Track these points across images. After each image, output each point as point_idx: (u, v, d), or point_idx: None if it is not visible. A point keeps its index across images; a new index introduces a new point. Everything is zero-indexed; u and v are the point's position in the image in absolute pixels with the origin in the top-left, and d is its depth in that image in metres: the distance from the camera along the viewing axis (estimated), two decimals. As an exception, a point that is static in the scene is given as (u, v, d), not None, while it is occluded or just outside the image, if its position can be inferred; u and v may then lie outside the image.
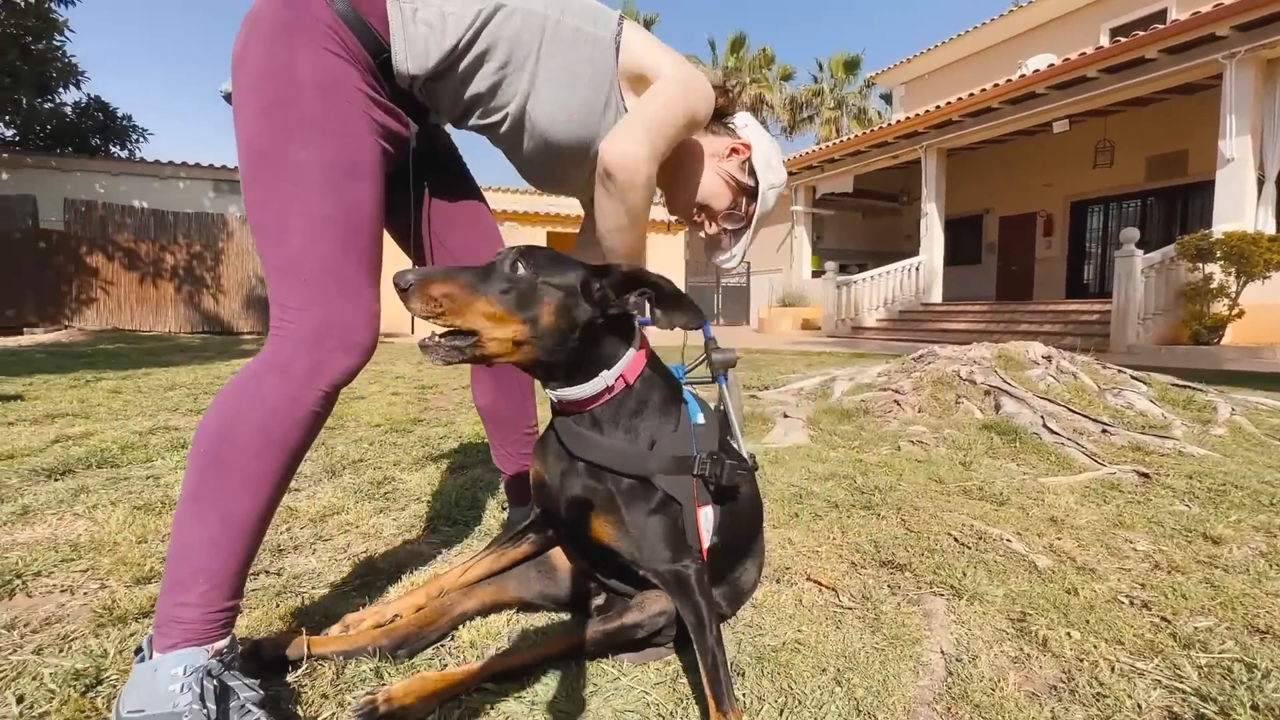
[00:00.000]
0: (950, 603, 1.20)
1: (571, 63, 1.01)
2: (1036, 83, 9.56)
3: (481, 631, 1.08)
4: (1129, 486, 1.88)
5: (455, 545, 1.51)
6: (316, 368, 0.86)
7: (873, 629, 1.11)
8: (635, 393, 0.97)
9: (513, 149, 1.10)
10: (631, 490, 0.94)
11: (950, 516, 1.65)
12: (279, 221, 0.87)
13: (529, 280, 0.87)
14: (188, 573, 0.81)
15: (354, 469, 2.19)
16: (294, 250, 0.86)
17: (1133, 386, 3.07)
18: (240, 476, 0.83)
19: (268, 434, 0.84)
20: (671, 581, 0.91)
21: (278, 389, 0.85)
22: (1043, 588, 1.27)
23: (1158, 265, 7.80)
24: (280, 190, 0.87)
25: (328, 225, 0.87)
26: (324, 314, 0.87)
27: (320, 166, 0.87)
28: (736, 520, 1.07)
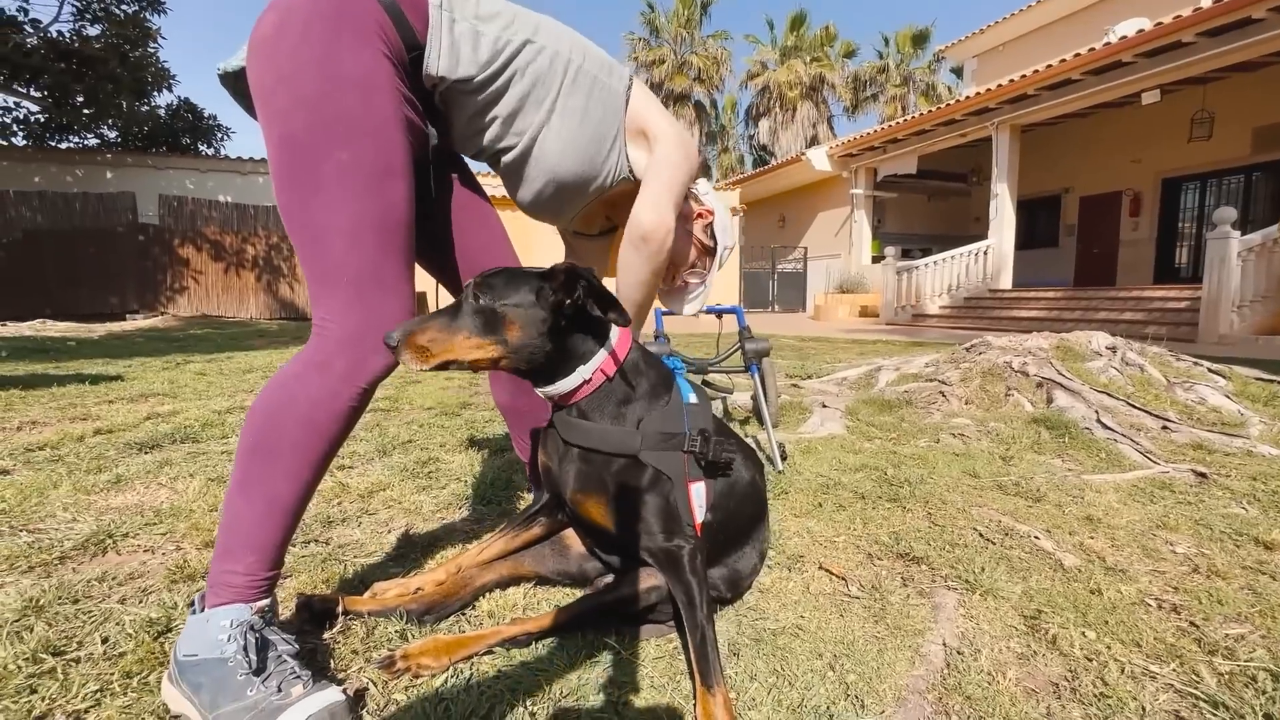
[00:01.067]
0: (962, 597, 1.20)
1: (587, 105, 1.11)
2: (1123, 50, 8.84)
3: (500, 602, 1.16)
4: (1181, 487, 1.78)
5: (485, 522, 1.60)
6: (356, 366, 0.93)
7: (876, 618, 1.12)
8: (618, 383, 1.03)
9: (515, 177, 1.18)
10: (622, 471, 1.00)
11: (979, 512, 1.62)
12: (321, 225, 0.90)
13: (490, 307, 0.94)
14: (237, 544, 0.91)
15: (403, 449, 2.34)
16: (336, 255, 0.90)
17: (1208, 380, 2.87)
18: (283, 465, 0.92)
19: (309, 427, 0.92)
20: (663, 559, 0.96)
21: (320, 386, 0.91)
22: (1064, 587, 1.24)
23: (1258, 248, 7.14)
24: (321, 193, 0.89)
25: (368, 228, 0.91)
26: (364, 316, 0.92)
27: (361, 168, 0.89)
28: (735, 502, 1.11)
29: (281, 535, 0.94)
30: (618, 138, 1.17)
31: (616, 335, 1.04)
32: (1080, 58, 9.31)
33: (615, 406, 1.02)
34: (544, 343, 0.97)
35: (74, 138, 13.09)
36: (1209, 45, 8.30)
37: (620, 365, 1.03)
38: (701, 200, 1.37)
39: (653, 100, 1.22)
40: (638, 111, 1.18)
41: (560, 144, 1.12)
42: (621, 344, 1.04)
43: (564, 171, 1.15)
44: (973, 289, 11.50)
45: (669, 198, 1.15)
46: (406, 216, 0.97)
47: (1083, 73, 9.48)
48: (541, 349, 0.97)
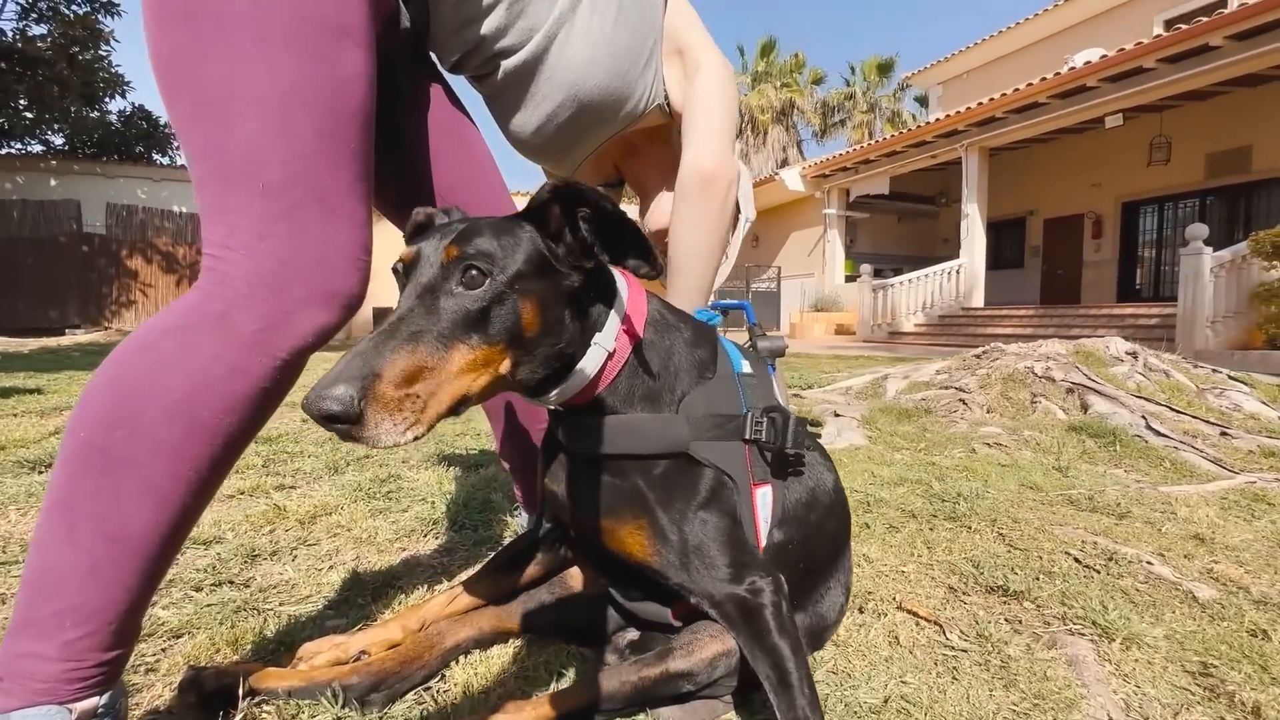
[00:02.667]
0: (1099, 646, 0.91)
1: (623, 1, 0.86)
2: (1088, 75, 9.06)
3: (480, 669, 0.83)
4: (1278, 498, 1.54)
5: (459, 554, 1.26)
6: (274, 324, 0.59)
7: (1004, 683, 0.82)
8: (649, 345, 0.71)
9: (517, 95, 0.88)
10: (666, 479, 0.68)
11: (1062, 531, 1.35)
12: (222, 89, 0.57)
13: (496, 289, 0.58)
14: (48, 612, 0.56)
15: (358, 465, 1.97)
16: (245, 140, 0.57)
17: (1235, 387, 2.69)
18: (142, 478, 0.57)
19: (190, 417, 0.57)
20: (735, 614, 0.64)
21: (211, 352, 0.58)
22: (1215, 628, 0.96)
23: (1228, 264, 7.24)
24: (226, 38, 0.56)
25: (303, 105, 0.58)
26: (292, 244, 0.59)
27: (290, 14, 0.58)
28: (818, 516, 0.80)
29: (130, 599, 0.58)
30: (655, 51, 0.92)
31: (624, 285, 0.72)
32: (1047, 81, 9.52)
33: (647, 386, 0.70)
34: (567, 324, 0.64)
35: (15, 143, 12.31)
36: (1168, 71, 8.55)
37: (644, 314, 0.71)
38: None
39: (693, 14, 0.98)
40: (677, 24, 0.94)
41: (589, 48, 0.83)
42: (634, 297, 0.72)
43: (590, 87, 0.86)
44: (947, 307, 11.56)
45: (727, 137, 0.93)
46: (364, 105, 0.64)
47: (1049, 96, 9.70)
48: (564, 335, 0.64)
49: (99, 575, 0.57)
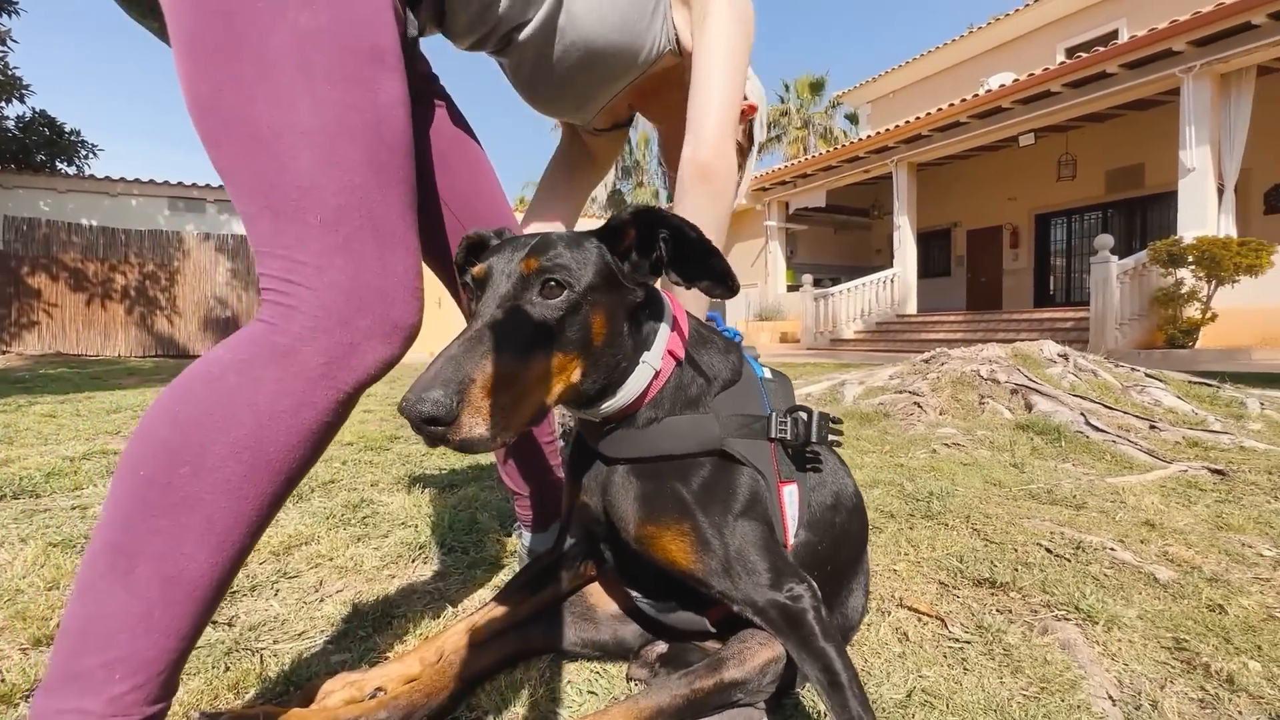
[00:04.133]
0: (1085, 629, 0.97)
1: None
2: (1003, 97, 9.75)
3: (507, 694, 0.81)
4: (1208, 484, 1.70)
5: (453, 578, 1.23)
6: (340, 357, 0.58)
7: (1011, 670, 0.87)
8: (689, 361, 0.74)
9: (534, 60, 0.89)
10: (705, 485, 0.69)
11: (1030, 524, 1.44)
12: (271, 124, 0.56)
13: (573, 300, 0.61)
14: (96, 664, 0.52)
15: (324, 491, 1.89)
16: (302, 172, 0.56)
17: (1153, 384, 2.95)
18: (204, 517, 0.54)
19: (256, 453, 0.55)
20: (779, 620, 0.65)
21: (277, 386, 0.56)
22: (1179, 606, 1.05)
23: (1131, 271, 7.91)
24: (271, 77, 0.56)
25: (350, 136, 0.58)
26: (355, 274, 0.58)
27: (335, 40, 0.57)
28: (843, 518, 0.83)
29: (181, 644, 0.55)
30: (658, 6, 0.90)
31: (669, 307, 0.75)
32: (966, 102, 10.19)
33: (686, 397, 0.72)
34: (626, 337, 0.67)
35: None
36: (1071, 95, 9.31)
37: (686, 336, 0.74)
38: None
39: None
40: None
41: (595, 6, 0.84)
42: (679, 318, 0.75)
43: (601, 41, 0.86)
44: (883, 314, 12.11)
45: (729, 115, 0.90)
46: (406, 130, 0.63)
47: (969, 116, 10.37)
48: (623, 348, 0.67)
49: (152, 621, 0.53)
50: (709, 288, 0.65)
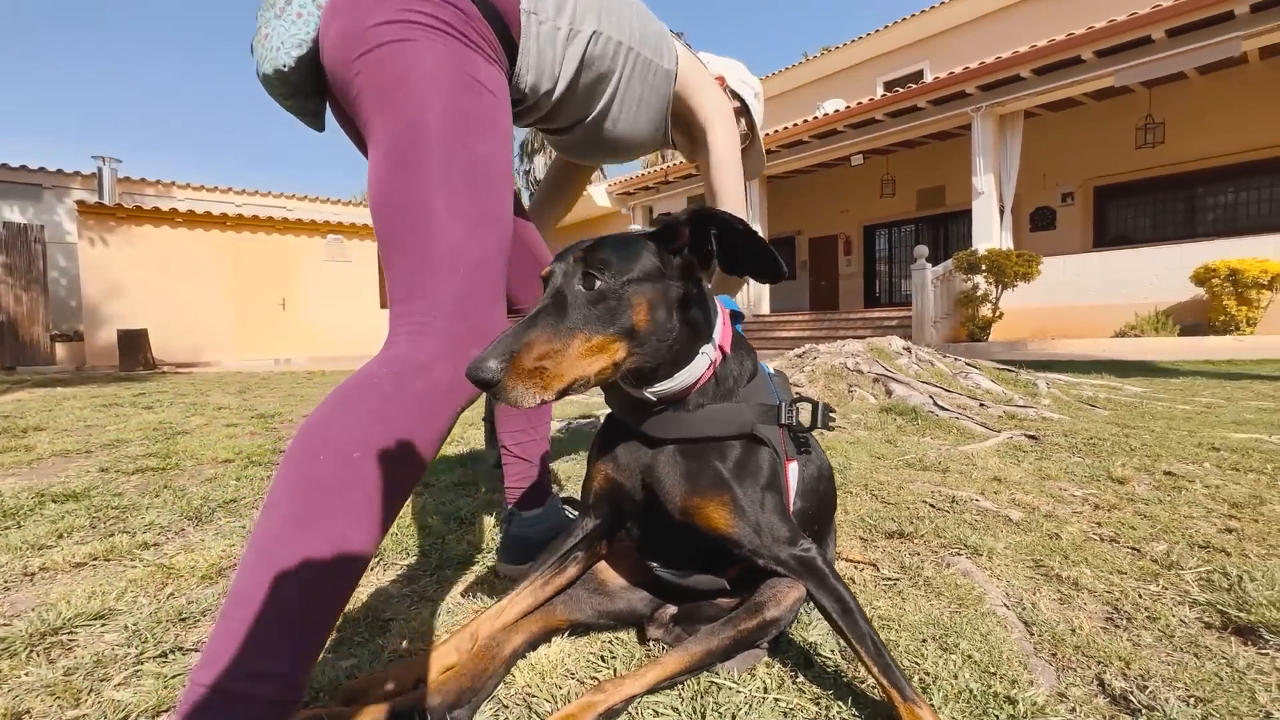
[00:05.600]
0: (975, 560, 1.24)
1: (643, 93, 1.10)
2: (837, 121, 11.01)
3: (538, 668, 0.87)
4: (1027, 447, 2.15)
5: (425, 579, 1.23)
6: (460, 378, 0.73)
7: (935, 594, 1.10)
8: (729, 359, 0.86)
9: (580, 143, 1.15)
10: (740, 465, 0.82)
11: (913, 487, 1.74)
12: (439, 207, 0.75)
13: (613, 289, 0.72)
14: (272, 630, 0.59)
15: (229, 510, 1.73)
16: (455, 239, 0.75)
17: (972, 371, 3.58)
18: (367, 495, 0.66)
19: (407, 443, 0.69)
20: (799, 568, 0.80)
21: (421, 391, 0.70)
22: (1029, 537, 1.37)
23: (941, 277, 9.34)
24: (448, 181, 0.77)
25: (492, 224, 0.80)
26: (476, 319, 0.76)
27: (494, 166, 0.81)
28: (824, 486, 1.00)
29: (334, 620, 0.65)
30: (665, 118, 1.17)
31: (718, 311, 0.87)
32: (808, 123, 11.35)
33: (724, 388, 0.85)
34: (675, 326, 0.77)
35: None
36: (891, 123, 10.76)
37: (731, 334, 0.86)
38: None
39: (697, 69, 1.19)
40: (685, 92, 1.17)
41: (616, 130, 1.11)
42: (725, 320, 0.87)
43: (617, 148, 1.17)
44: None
45: (736, 201, 1.21)
46: (511, 236, 0.86)
47: (810, 136, 11.56)
48: (672, 334, 0.77)
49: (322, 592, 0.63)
50: (757, 274, 0.77)
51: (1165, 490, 1.66)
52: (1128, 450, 2.09)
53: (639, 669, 0.78)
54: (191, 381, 7.04)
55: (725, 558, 0.88)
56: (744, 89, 1.38)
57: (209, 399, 4.89)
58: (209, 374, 8.67)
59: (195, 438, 2.97)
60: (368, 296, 13.60)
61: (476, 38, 0.82)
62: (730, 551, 0.83)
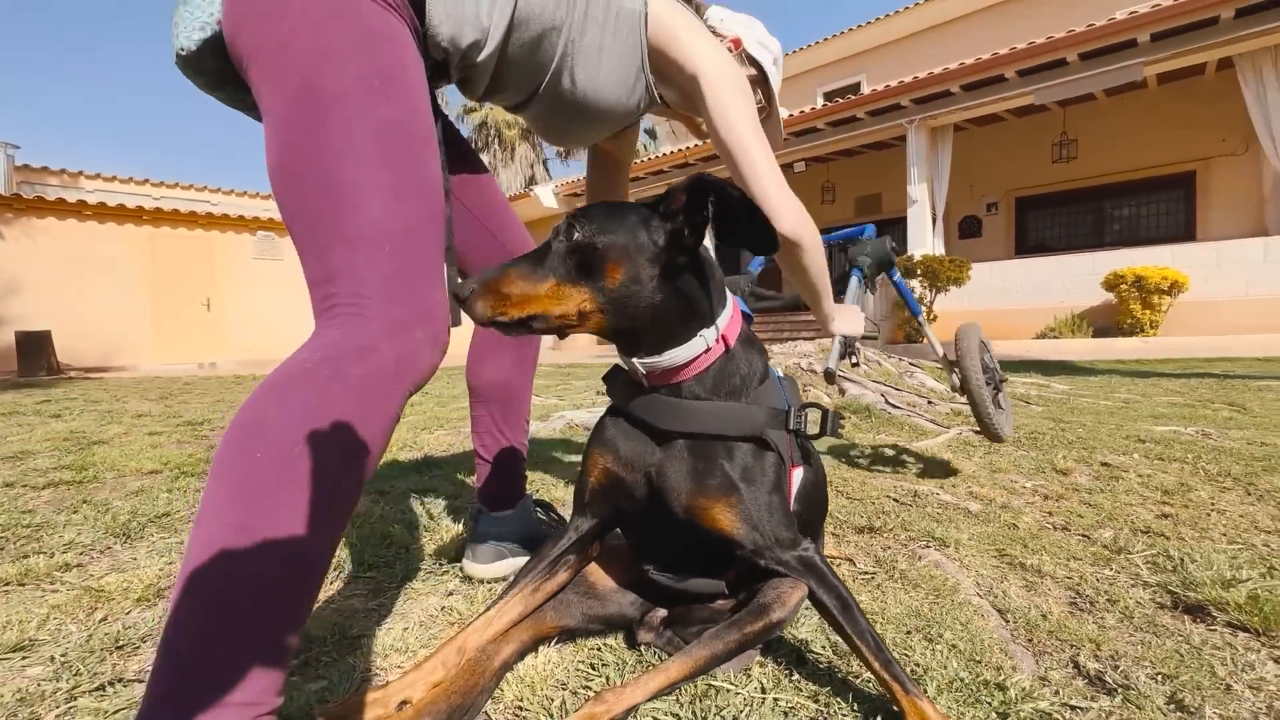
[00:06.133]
0: (944, 552, 1.28)
1: (602, 39, 0.94)
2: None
3: (528, 680, 0.83)
4: (976, 441, 2.25)
5: (390, 592, 1.16)
6: (407, 358, 0.69)
7: (911, 586, 1.12)
8: (737, 355, 0.85)
9: (545, 116, 1.05)
10: (748, 468, 0.81)
11: (875, 482, 1.79)
12: (352, 180, 0.69)
13: (586, 242, 0.76)
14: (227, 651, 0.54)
15: (161, 525, 1.59)
16: (374, 214, 0.69)
17: (916, 370, 3.73)
18: (321, 492, 0.60)
19: (353, 433, 0.63)
20: (801, 569, 0.79)
21: (366, 378, 0.65)
22: (990, 527, 1.43)
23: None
24: (353, 149, 0.70)
25: (413, 193, 0.73)
26: (412, 295, 0.71)
27: (403, 128, 0.74)
28: (820, 492, 1.00)
29: (297, 628, 0.59)
30: (643, 64, 0.99)
31: (730, 305, 0.86)
32: (754, 130, 11.60)
33: (731, 384, 0.83)
34: (653, 292, 0.76)
35: None
36: (832, 132, 11.14)
37: (739, 332, 0.85)
38: (720, 31, 1.19)
39: (676, 11, 1.00)
40: (663, 37, 0.98)
41: (579, 91, 0.97)
42: (735, 315, 0.86)
43: (587, 113, 1.01)
44: (689, 317, 13.22)
45: (779, 177, 1.02)
46: (442, 194, 0.80)
47: (756, 142, 11.82)
48: (649, 300, 0.76)
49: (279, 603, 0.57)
50: (752, 245, 0.76)
51: (1104, 480, 1.77)
52: (1066, 443, 2.22)
53: (641, 676, 0.75)
54: (104, 387, 6.48)
55: (724, 559, 0.87)
56: (762, 53, 1.22)
57: (126, 406, 4.51)
58: (123, 379, 8.02)
59: (115, 448, 2.73)
60: (302, 297, 12.90)
61: None
62: (731, 553, 0.81)
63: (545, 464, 2.20)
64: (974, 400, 1.61)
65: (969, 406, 1.64)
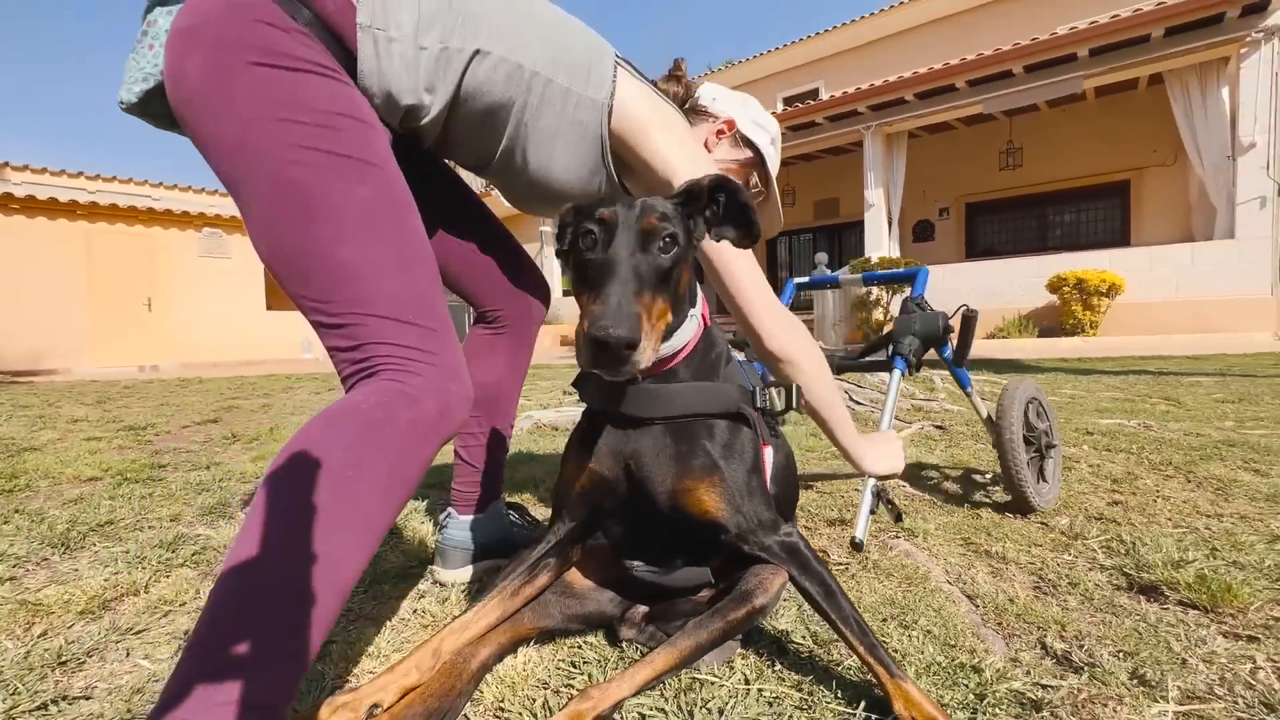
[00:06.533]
0: (913, 542, 1.31)
1: (558, 125, 0.90)
2: (743, 132, 11.47)
3: (508, 681, 0.81)
4: (938, 436, 2.32)
5: (358, 595, 1.12)
6: (445, 410, 0.73)
7: (885, 575, 1.14)
8: (710, 331, 0.87)
9: (504, 184, 1.03)
10: (728, 446, 0.82)
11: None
12: (359, 261, 0.72)
13: (679, 255, 0.74)
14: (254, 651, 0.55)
15: (103, 534, 1.50)
16: (390, 290, 0.73)
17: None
18: (363, 514, 0.64)
19: (396, 468, 0.68)
20: (783, 554, 0.80)
21: (413, 424, 0.70)
22: (955, 516, 1.47)
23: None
24: (348, 233, 0.72)
25: (415, 262, 0.76)
26: (446, 355, 0.75)
27: (385, 202, 0.76)
28: (792, 474, 1.01)
29: (316, 647, 0.60)
30: (605, 156, 0.94)
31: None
32: (716, 133, 11.73)
33: (708, 363, 0.85)
34: (690, 284, 0.80)
35: None
36: (792, 136, 11.34)
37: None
38: (713, 111, 1.14)
39: (651, 106, 0.94)
40: (630, 132, 0.92)
41: (530, 171, 0.94)
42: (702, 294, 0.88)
43: (541, 191, 0.98)
44: (653, 318, 13.27)
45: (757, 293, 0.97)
46: (431, 252, 0.81)
47: (717, 145, 11.95)
48: (688, 294, 0.80)
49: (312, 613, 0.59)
50: (737, 238, 0.80)
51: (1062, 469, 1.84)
52: (1020, 437, 2.30)
53: (626, 670, 0.74)
54: (34, 391, 6.09)
55: (708, 548, 0.87)
56: (758, 134, 1.15)
57: (60, 411, 4.25)
58: (56, 383, 7.54)
59: (49, 454, 2.57)
60: (251, 296, 12.43)
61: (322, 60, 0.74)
62: (715, 539, 0.81)
63: (513, 465, 2.17)
64: (1004, 465, 1.40)
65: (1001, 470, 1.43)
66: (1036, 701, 0.75)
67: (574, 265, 0.76)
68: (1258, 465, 1.83)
